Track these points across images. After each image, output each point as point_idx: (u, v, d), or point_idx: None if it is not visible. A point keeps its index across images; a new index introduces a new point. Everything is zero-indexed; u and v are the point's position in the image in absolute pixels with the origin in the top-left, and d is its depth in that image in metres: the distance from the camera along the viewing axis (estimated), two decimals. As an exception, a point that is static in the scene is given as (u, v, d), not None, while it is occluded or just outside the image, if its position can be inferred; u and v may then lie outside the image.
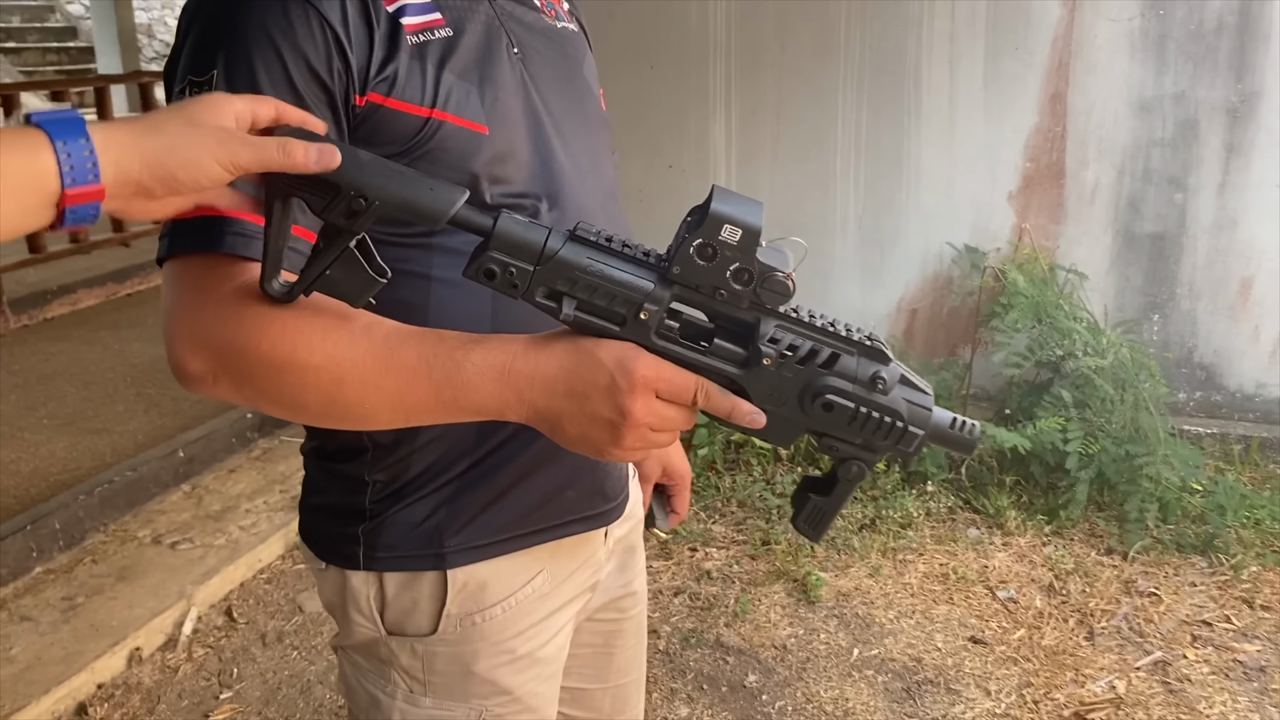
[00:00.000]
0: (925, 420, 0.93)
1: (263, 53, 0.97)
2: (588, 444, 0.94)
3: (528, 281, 0.90)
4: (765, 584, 3.20)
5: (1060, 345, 3.56)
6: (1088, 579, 3.18)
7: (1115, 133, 3.72)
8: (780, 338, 0.91)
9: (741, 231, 0.86)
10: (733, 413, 0.93)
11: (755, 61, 3.99)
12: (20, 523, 3.24)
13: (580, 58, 1.29)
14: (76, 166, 0.73)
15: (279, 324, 0.93)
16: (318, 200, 0.87)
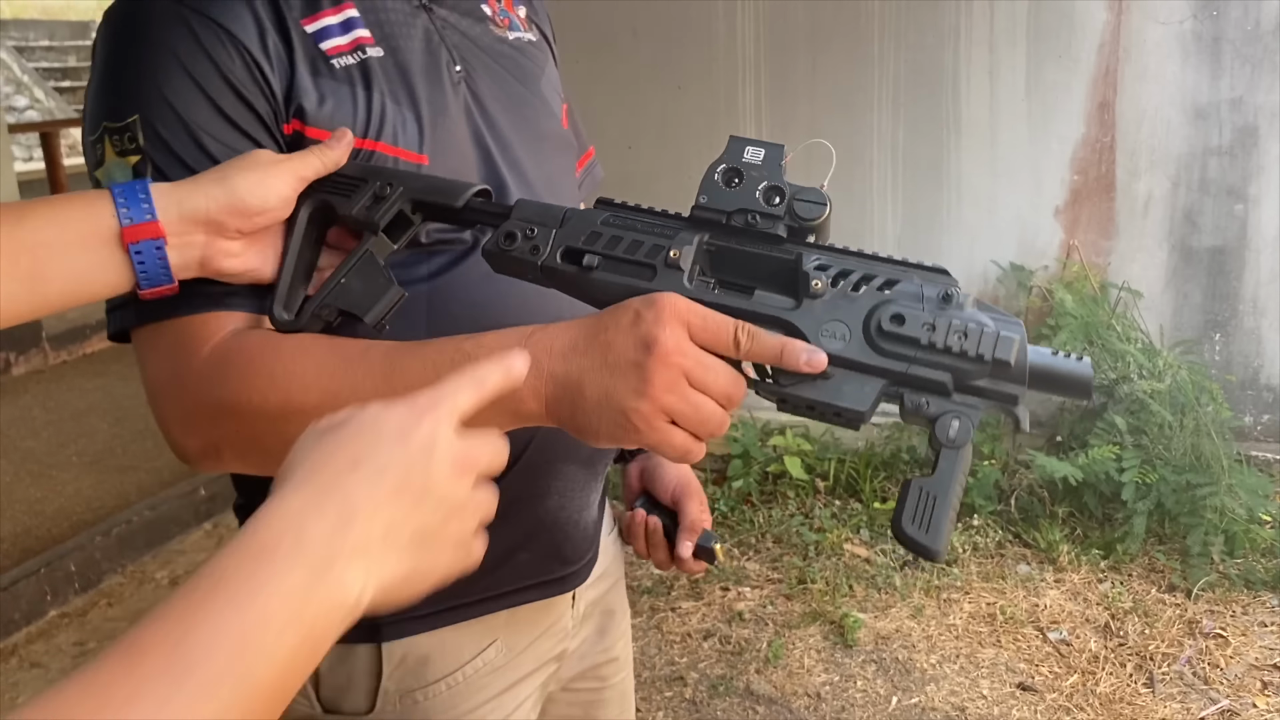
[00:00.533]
0: (1020, 331, 0.76)
1: (180, 88, 0.89)
2: (609, 409, 0.77)
3: (548, 243, 0.85)
4: (800, 626, 3.03)
5: (1113, 368, 3.35)
6: (1147, 619, 2.96)
7: (1168, 142, 3.51)
8: (829, 265, 0.80)
9: (764, 151, 0.82)
10: (784, 352, 0.76)
11: (786, 78, 3.85)
12: (34, 565, 3.18)
13: (537, 72, 1.16)
14: (131, 206, 0.78)
15: (266, 372, 0.85)
16: (344, 198, 0.88)
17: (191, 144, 0.89)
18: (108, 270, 0.79)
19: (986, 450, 3.54)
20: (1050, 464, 3.23)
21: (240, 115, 0.90)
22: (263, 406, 0.85)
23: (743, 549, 3.46)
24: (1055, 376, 0.76)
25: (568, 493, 1.14)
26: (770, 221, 0.81)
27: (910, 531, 0.75)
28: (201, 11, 0.90)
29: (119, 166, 0.89)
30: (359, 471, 0.56)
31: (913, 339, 0.76)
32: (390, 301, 0.88)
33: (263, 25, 0.91)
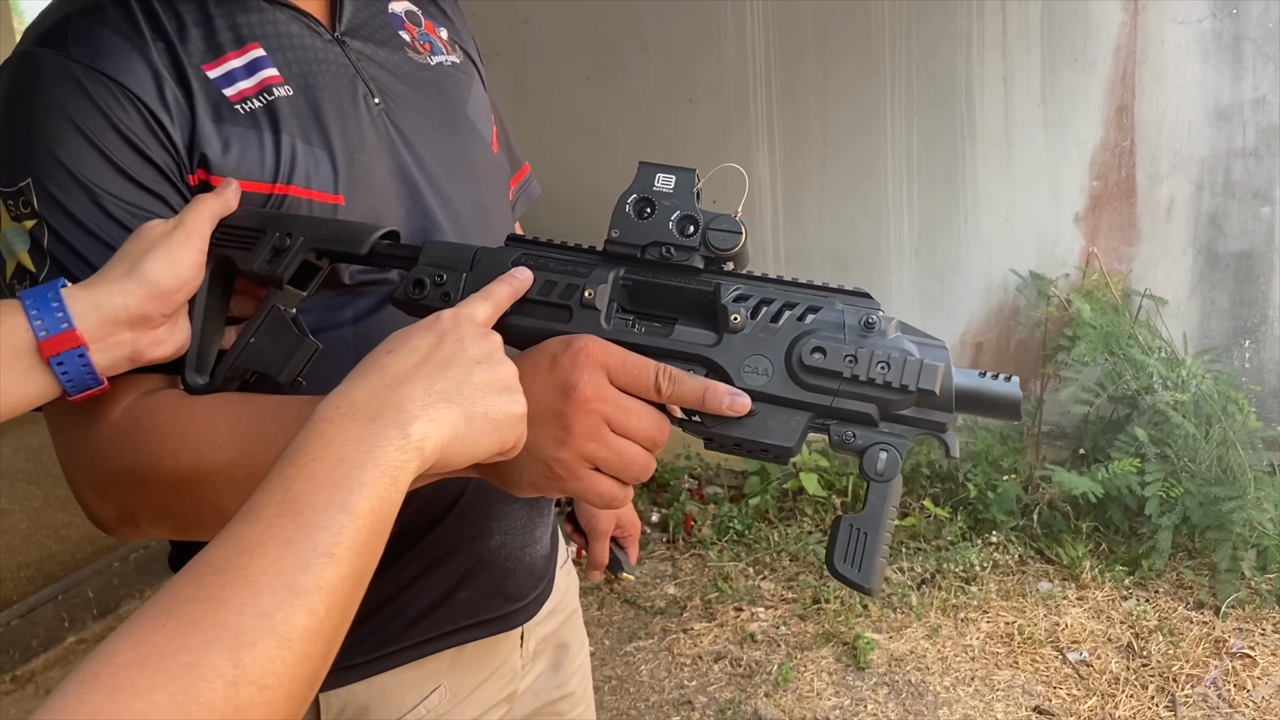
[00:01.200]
0: (945, 358, 0.75)
1: (74, 148, 0.86)
2: (532, 457, 0.75)
3: (459, 288, 0.83)
4: (813, 647, 2.97)
5: (1135, 379, 3.26)
6: (1172, 638, 2.87)
7: (1190, 144, 3.41)
8: (748, 295, 0.78)
9: (675, 177, 0.80)
10: (706, 396, 0.75)
11: (797, 89, 3.80)
12: (52, 592, 3.22)
13: (463, 95, 1.14)
14: (45, 316, 0.76)
15: (178, 434, 0.83)
16: (244, 251, 0.86)
17: (90, 204, 0.87)
18: (30, 382, 0.77)
19: (1007, 464, 3.46)
20: (1070, 479, 3.14)
21: (139, 170, 0.88)
22: (175, 469, 0.82)
23: (758, 568, 3.41)
24: (983, 399, 0.76)
25: (510, 531, 1.11)
26: (685, 253, 0.79)
27: (843, 570, 0.75)
28: (92, 66, 0.87)
29: (16, 233, 0.87)
30: (395, 353, 0.69)
31: (835, 372, 0.74)
32: (303, 357, 0.86)
33: (159, 75, 0.89)
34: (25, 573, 3.50)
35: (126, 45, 0.89)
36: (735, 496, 3.78)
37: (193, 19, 0.93)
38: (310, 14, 1.01)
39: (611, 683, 2.90)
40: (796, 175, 3.88)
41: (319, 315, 0.95)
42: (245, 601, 0.53)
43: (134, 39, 0.89)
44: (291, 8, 0.99)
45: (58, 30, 0.90)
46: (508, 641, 1.17)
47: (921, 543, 3.41)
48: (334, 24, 1.03)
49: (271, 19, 0.97)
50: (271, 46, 0.96)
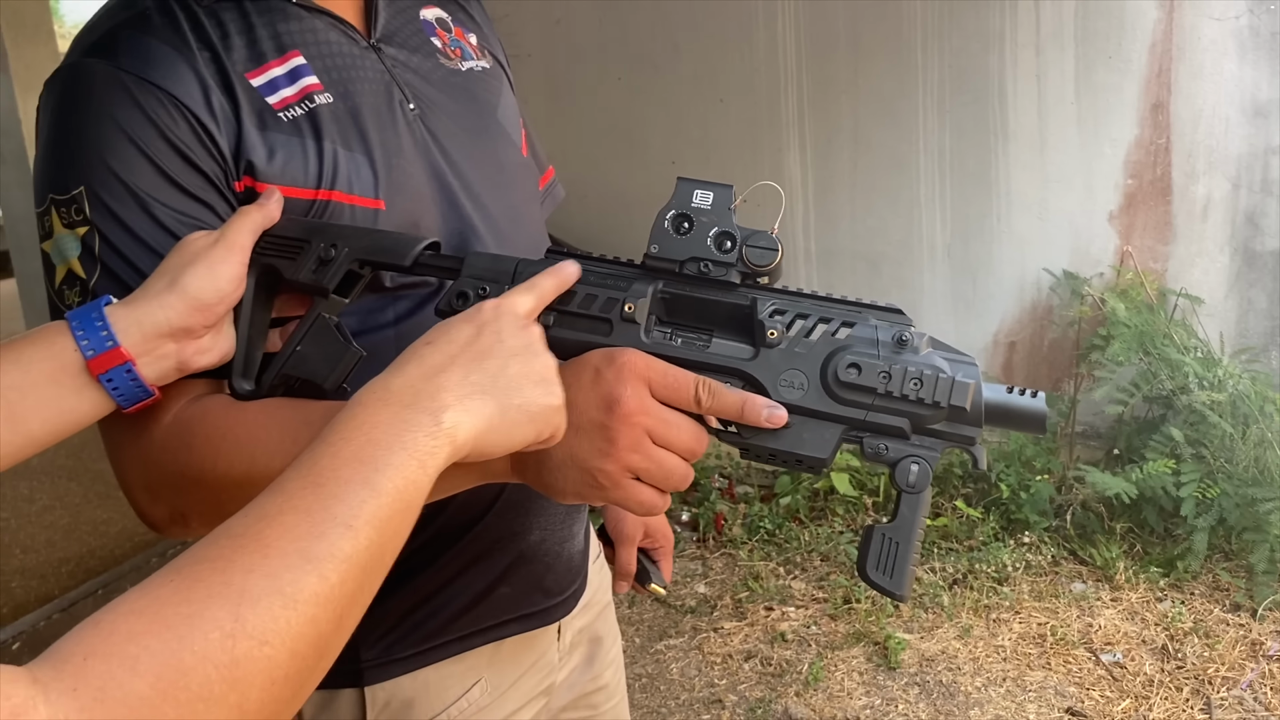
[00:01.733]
0: (976, 374, 0.77)
1: (125, 156, 0.88)
2: (574, 469, 0.77)
3: None
4: (843, 647, 2.97)
5: (1170, 379, 3.23)
6: (1208, 640, 2.84)
7: (1227, 142, 3.37)
8: (784, 311, 0.81)
9: (713, 194, 0.81)
10: (745, 408, 0.77)
11: (828, 88, 3.79)
12: (93, 587, 3.27)
13: (493, 100, 1.15)
14: (90, 335, 0.78)
15: (231, 439, 0.85)
16: (289, 260, 0.88)
17: (140, 212, 0.88)
18: (83, 400, 0.79)
19: (1040, 465, 3.44)
20: (1103, 479, 3.12)
21: (188, 179, 0.90)
22: (228, 474, 0.84)
23: (789, 568, 3.41)
24: (1011, 414, 0.78)
25: (549, 527, 1.13)
26: (723, 268, 0.81)
27: (875, 577, 0.78)
28: (141, 76, 0.89)
29: (68, 239, 0.89)
30: (433, 344, 0.70)
31: (870, 388, 0.77)
32: (348, 364, 0.88)
33: (206, 84, 0.91)
34: (66, 568, 3.56)
35: (174, 55, 0.91)
36: (766, 496, 3.78)
37: (235, 27, 0.95)
38: (347, 21, 1.02)
39: (642, 680, 2.91)
40: (828, 174, 3.87)
41: (360, 318, 0.97)
42: (255, 563, 0.54)
43: (181, 49, 0.91)
44: (329, 15, 1.01)
45: (107, 41, 0.92)
46: (545, 635, 1.18)
47: (953, 543, 3.40)
48: (369, 31, 1.04)
49: (310, 26, 0.99)
50: (311, 54, 0.98)
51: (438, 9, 1.15)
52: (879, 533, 0.78)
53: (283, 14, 0.98)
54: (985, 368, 3.80)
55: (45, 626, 3.09)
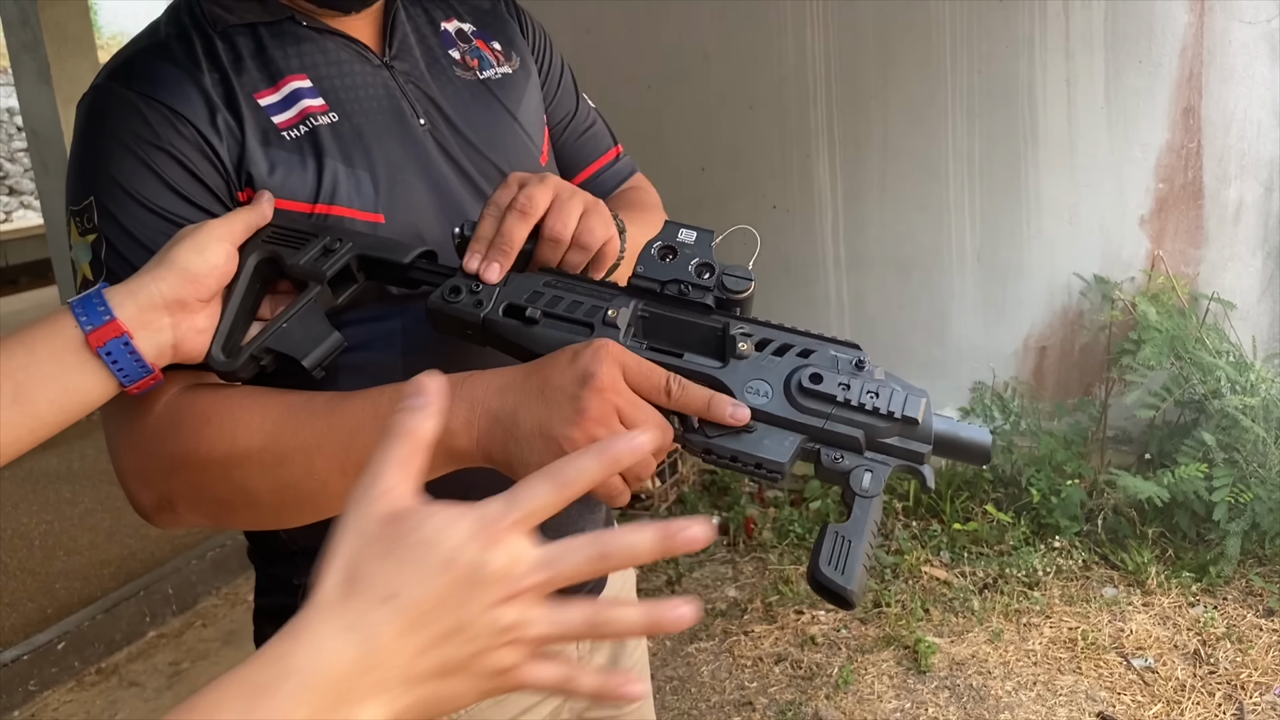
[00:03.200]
0: (925, 395, 0.83)
1: (129, 169, 0.95)
2: (543, 435, 0.79)
3: (491, 299, 0.89)
4: (873, 651, 2.98)
5: (1202, 383, 3.22)
6: (1241, 645, 2.83)
7: (1259, 145, 3.36)
8: (753, 333, 0.87)
9: (696, 234, 0.88)
10: (710, 404, 0.81)
11: (857, 94, 3.81)
12: (134, 588, 3.34)
13: (513, 105, 1.19)
14: (89, 312, 0.82)
15: (214, 421, 0.89)
16: (294, 249, 0.92)
17: (141, 219, 0.94)
18: (87, 377, 0.83)
19: (1071, 469, 3.44)
20: (1135, 483, 3.11)
21: (188, 188, 0.96)
22: (210, 454, 0.88)
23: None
24: (956, 441, 0.83)
25: (560, 527, 1.15)
26: (700, 292, 0.86)
27: (827, 572, 0.78)
28: (151, 96, 0.96)
29: (81, 245, 0.96)
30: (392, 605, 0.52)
31: (830, 396, 0.81)
32: (330, 348, 0.91)
33: (212, 103, 0.97)
34: (108, 569, 3.63)
35: (184, 76, 0.98)
36: (795, 500, 3.80)
37: (248, 51, 1.02)
38: (360, 41, 1.07)
39: (673, 683, 2.94)
40: (857, 180, 3.89)
41: (368, 327, 1.01)
42: None
43: (191, 70, 0.98)
44: (342, 36, 1.06)
45: (126, 66, 1.00)
46: None
47: (984, 547, 3.40)
48: (385, 49, 1.08)
49: (322, 48, 1.05)
50: (319, 75, 1.03)
51: (458, 21, 1.19)
52: (832, 530, 0.79)
53: (294, 37, 1.04)
54: (1016, 373, 3.80)
55: (88, 627, 3.16)
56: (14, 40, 5.38)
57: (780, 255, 3.98)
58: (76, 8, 5.55)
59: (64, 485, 4.49)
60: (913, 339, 3.93)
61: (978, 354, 3.85)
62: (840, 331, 3.95)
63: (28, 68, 5.33)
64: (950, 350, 3.88)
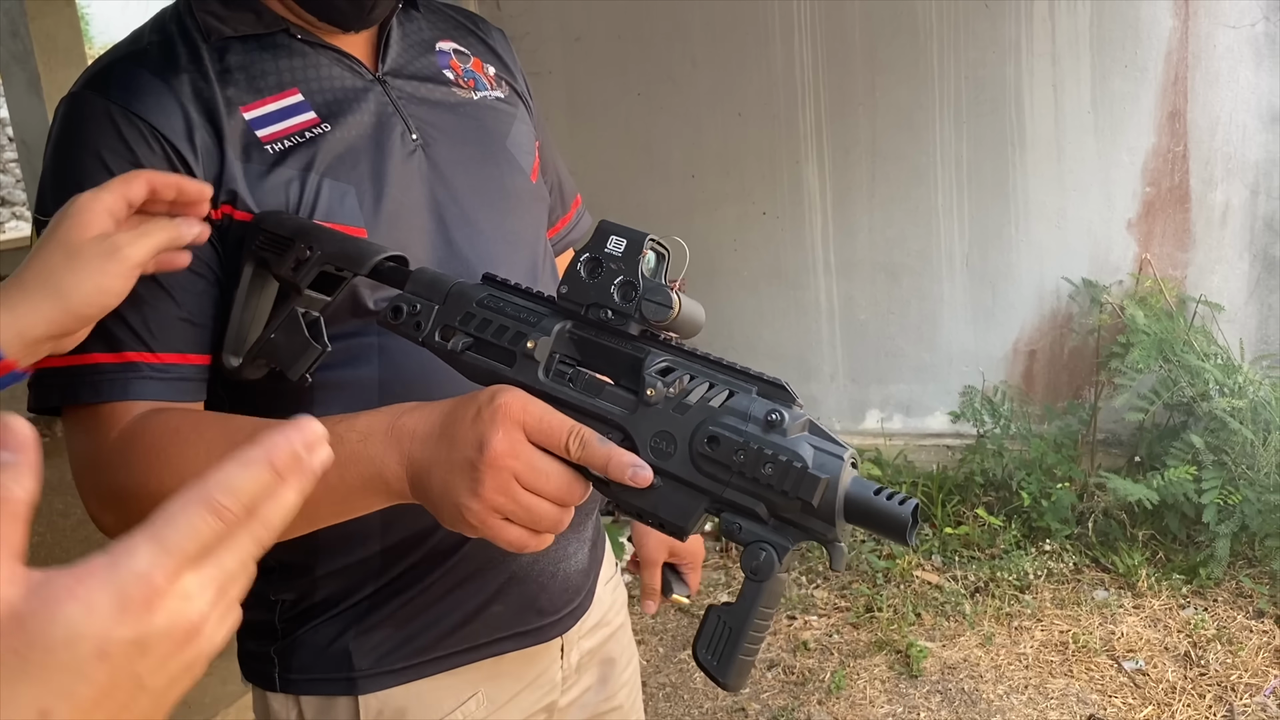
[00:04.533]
0: (834, 469, 0.73)
1: (97, 182, 0.92)
2: (447, 500, 0.80)
3: (429, 320, 0.88)
4: (866, 656, 2.99)
5: (1191, 385, 3.24)
6: (1231, 647, 2.84)
7: (1244, 149, 3.38)
8: (669, 371, 0.81)
9: (626, 241, 0.82)
10: (610, 463, 0.77)
11: (846, 100, 3.83)
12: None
13: (503, 130, 1.19)
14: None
15: (164, 456, 0.91)
16: (277, 256, 0.92)
17: None
18: None
19: (1061, 472, 3.45)
20: (1125, 486, 3.13)
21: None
22: (160, 489, 0.88)
23: (811, 577, 3.43)
24: (872, 515, 0.74)
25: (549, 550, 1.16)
26: (622, 319, 0.82)
27: (703, 658, 0.76)
28: (127, 107, 0.95)
29: None
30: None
31: (725, 464, 0.75)
32: (310, 358, 0.93)
33: (190, 119, 0.96)
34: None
35: (161, 87, 0.96)
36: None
37: (238, 63, 1.01)
38: (353, 56, 1.07)
39: (665, 690, 2.94)
40: (846, 185, 3.90)
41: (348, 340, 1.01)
42: None
43: (171, 82, 0.97)
44: (334, 51, 1.06)
45: (104, 74, 0.99)
46: (547, 653, 1.20)
47: (975, 551, 3.41)
48: (377, 65, 1.09)
49: (314, 62, 1.04)
50: (311, 89, 1.03)
51: (454, 42, 1.20)
52: (714, 614, 0.76)
53: (287, 51, 1.03)
54: (1005, 377, 3.81)
55: (81, 639, 3.15)
56: (4, 51, 5.38)
57: (770, 261, 3.99)
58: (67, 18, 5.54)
59: (56, 497, 4.48)
60: (903, 343, 3.94)
61: (967, 358, 3.87)
62: (831, 337, 4.00)
63: (18, 79, 5.32)
64: (940, 354, 3.89)
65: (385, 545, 1.07)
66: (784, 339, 4.00)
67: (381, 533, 1.06)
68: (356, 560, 1.07)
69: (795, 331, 4.01)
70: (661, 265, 0.83)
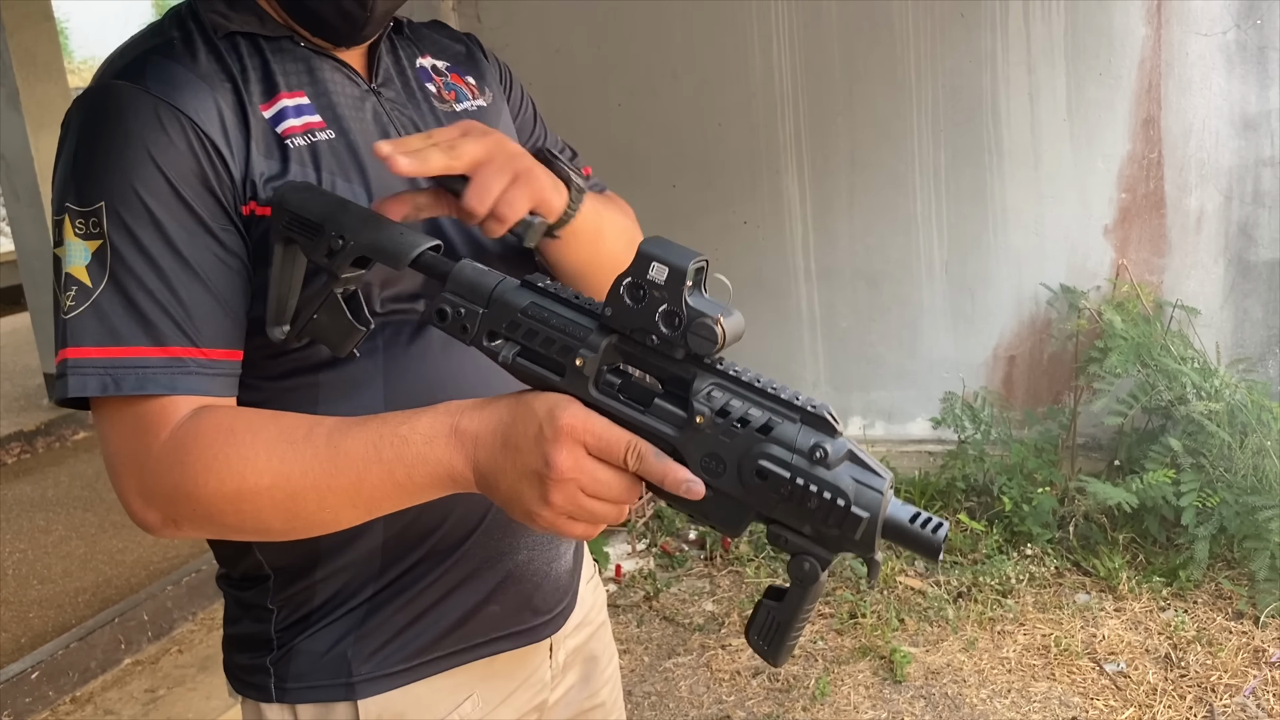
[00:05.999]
0: (875, 505, 0.79)
1: (147, 177, 0.94)
2: (518, 503, 0.86)
3: (475, 324, 0.90)
4: (850, 661, 3.00)
5: (1169, 389, 3.27)
6: (1211, 648, 2.87)
7: (1218, 155, 3.42)
8: (717, 396, 0.84)
9: (668, 270, 0.83)
10: (665, 478, 0.82)
11: (824, 109, 3.86)
12: (109, 615, 3.32)
13: None
14: None
15: (222, 458, 0.91)
16: (309, 240, 0.95)
17: (155, 234, 0.94)
18: None
19: (1042, 477, 3.47)
20: (1104, 489, 3.15)
21: (202, 203, 0.96)
22: (220, 490, 0.90)
23: (795, 583, 3.44)
24: (908, 539, 0.81)
25: (536, 547, 1.17)
26: (668, 345, 0.84)
27: (756, 644, 0.86)
28: (168, 100, 0.95)
29: (78, 246, 0.94)
30: None
31: (774, 494, 0.81)
32: (356, 337, 0.97)
33: (222, 112, 0.97)
34: (83, 597, 3.61)
35: (197, 82, 0.97)
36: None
37: (251, 62, 1.02)
38: (351, 66, 1.10)
39: (651, 698, 2.95)
40: (826, 194, 3.93)
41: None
42: None
43: (204, 76, 0.98)
44: (335, 60, 1.08)
45: (136, 65, 0.98)
46: (537, 653, 1.22)
47: (958, 556, 3.43)
48: (371, 76, 1.11)
49: (318, 67, 1.07)
50: (316, 93, 1.05)
51: (433, 57, 1.22)
52: (766, 609, 0.85)
53: (293, 55, 1.05)
54: (986, 382, 3.84)
55: (63, 655, 3.14)
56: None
57: (752, 270, 4.01)
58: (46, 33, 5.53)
59: (37, 513, 4.46)
60: (884, 350, 3.96)
61: (948, 364, 3.89)
62: (813, 344, 4.02)
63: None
64: (921, 361, 3.92)
65: (386, 543, 1.08)
66: (766, 347, 4.02)
67: (383, 530, 1.07)
68: (358, 559, 1.07)
69: (777, 339, 4.03)
70: (701, 278, 0.85)
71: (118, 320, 0.93)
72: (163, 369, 0.93)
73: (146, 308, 0.93)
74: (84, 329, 0.93)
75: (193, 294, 0.95)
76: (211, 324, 0.96)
